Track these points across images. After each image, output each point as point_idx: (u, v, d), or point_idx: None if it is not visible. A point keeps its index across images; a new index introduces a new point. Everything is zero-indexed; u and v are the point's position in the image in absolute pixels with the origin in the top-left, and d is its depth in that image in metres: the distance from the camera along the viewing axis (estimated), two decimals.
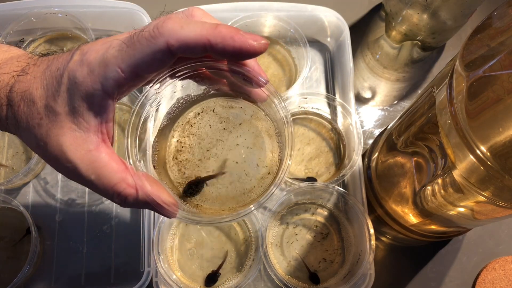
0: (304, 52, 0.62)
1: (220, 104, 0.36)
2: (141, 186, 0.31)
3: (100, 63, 0.29)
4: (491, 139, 0.33)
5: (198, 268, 0.56)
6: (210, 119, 0.36)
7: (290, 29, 0.62)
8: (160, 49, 0.29)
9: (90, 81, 0.29)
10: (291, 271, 0.56)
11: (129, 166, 0.32)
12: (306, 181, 0.58)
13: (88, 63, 0.29)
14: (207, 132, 0.35)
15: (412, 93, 0.68)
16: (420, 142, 0.46)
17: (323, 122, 0.63)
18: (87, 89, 0.29)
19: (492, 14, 0.36)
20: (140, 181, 0.31)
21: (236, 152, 0.35)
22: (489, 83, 0.33)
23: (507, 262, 0.58)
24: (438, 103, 0.40)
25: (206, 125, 0.35)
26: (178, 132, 0.36)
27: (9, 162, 0.61)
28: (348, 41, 0.62)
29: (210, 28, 0.29)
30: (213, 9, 0.63)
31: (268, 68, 0.65)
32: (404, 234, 0.58)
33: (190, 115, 0.36)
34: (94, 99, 0.30)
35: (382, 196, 0.57)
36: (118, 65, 0.29)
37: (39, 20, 0.63)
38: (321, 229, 0.59)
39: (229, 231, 0.58)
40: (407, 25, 0.63)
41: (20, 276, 0.52)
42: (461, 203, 0.43)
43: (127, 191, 0.31)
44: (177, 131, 0.36)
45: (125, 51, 0.29)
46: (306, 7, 0.64)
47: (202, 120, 0.36)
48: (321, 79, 0.67)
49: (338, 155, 0.62)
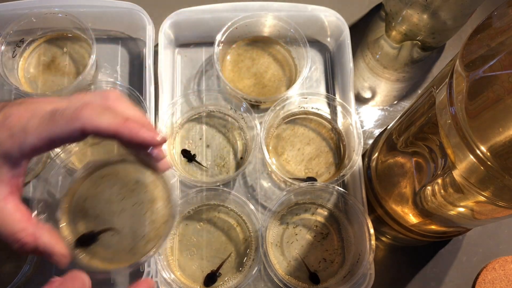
0: (304, 52, 0.62)
1: (126, 169, 0.42)
2: (39, 236, 0.35)
3: (21, 130, 0.33)
4: (491, 139, 0.33)
5: (198, 268, 0.56)
6: (112, 182, 0.41)
7: (290, 29, 0.63)
8: (76, 130, 0.33)
9: (9, 143, 0.33)
10: (291, 271, 0.56)
11: (32, 218, 0.36)
12: (306, 181, 0.58)
13: (10, 127, 0.34)
14: (108, 194, 0.41)
15: (412, 93, 0.68)
16: (420, 142, 0.46)
17: (323, 122, 0.63)
18: (5, 149, 0.33)
19: (492, 14, 0.36)
20: (39, 231, 0.35)
21: (128, 212, 0.40)
22: (489, 83, 0.33)
23: (507, 262, 0.58)
24: (438, 103, 0.40)
25: (107, 188, 0.41)
26: (84, 189, 0.41)
27: None
28: (348, 41, 0.62)
29: (120, 122, 0.34)
30: (213, 9, 0.63)
31: (268, 68, 0.65)
32: (404, 234, 0.58)
33: (96, 175, 0.42)
34: (11, 158, 0.34)
35: (382, 196, 0.57)
36: (37, 136, 0.33)
37: (39, 20, 0.63)
38: (321, 229, 0.59)
39: (229, 231, 0.58)
40: (407, 25, 0.63)
41: (20, 276, 0.52)
42: (461, 203, 0.43)
43: (25, 239, 0.34)
44: (83, 187, 0.42)
45: (46, 124, 0.33)
46: (306, 7, 0.64)
47: (105, 183, 0.41)
48: (321, 79, 0.67)
49: (338, 155, 0.62)
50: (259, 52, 0.66)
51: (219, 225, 0.58)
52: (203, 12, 0.63)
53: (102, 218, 0.40)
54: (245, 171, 0.61)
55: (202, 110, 0.63)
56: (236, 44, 0.66)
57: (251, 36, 0.66)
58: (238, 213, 0.58)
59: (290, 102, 0.61)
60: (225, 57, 0.65)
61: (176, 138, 0.62)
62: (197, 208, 0.59)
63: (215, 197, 0.59)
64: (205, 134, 0.62)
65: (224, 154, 0.61)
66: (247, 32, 0.65)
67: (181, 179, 0.59)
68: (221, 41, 0.62)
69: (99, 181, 0.41)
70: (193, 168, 0.61)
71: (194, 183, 0.57)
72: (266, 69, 0.65)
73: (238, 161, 0.61)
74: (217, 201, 0.59)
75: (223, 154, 0.61)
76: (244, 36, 0.65)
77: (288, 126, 0.63)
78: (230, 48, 0.66)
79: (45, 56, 0.65)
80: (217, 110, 0.63)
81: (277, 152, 0.62)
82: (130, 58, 0.66)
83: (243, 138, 0.62)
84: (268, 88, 0.64)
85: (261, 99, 0.62)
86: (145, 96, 0.60)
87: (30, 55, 0.65)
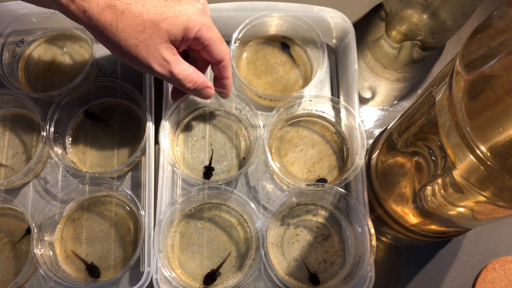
0: (321, 53, 0.62)
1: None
2: (200, 75, 0.53)
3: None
4: (491, 139, 0.33)
5: (198, 266, 0.56)
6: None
7: (307, 29, 0.63)
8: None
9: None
10: (291, 271, 0.56)
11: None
12: (315, 184, 0.57)
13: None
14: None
15: (412, 93, 0.68)
16: (420, 142, 0.46)
17: (327, 125, 0.63)
18: (186, 24, 0.48)
19: (492, 14, 0.36)
20: (200, 73, 0.53)
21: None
22: (489, 83, 0.33)
23: (507, 262, 0.58)
24: (438, 103, 0.40)
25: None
26: None
27: (9, 162, 0.61)
28: (353, 42, 0.62)
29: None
30: (219, 8, 0.63)
31: (283, 67, 0.65)
32: (404, 234, 0.58)
33: None
34: (188, 33, 0.48)
35: (382, 196, 0.57)
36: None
37: (39, 20, 0.63)
38: (322, 230, 0.59)
39: (231, 230, 0.58)
40: (407, 25, 0.63)
41: (20, 276, 0.52)
42: (461, 203, 0.43)
43: (196, 78, 0.52)
44: None
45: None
46: (312, 8, 0.64)
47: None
48: (326, 81, 0.67)
49: (341, 158, 0.62)
50: (275, 50, 0.66)
51: (220, 223, 0.58)
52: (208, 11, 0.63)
53: None
54: (247, 171, 0.61)
55: (206, 109, 0.63)
56: (253, 42, 0.66)
57: (267, 35, 0.66)
58: (239, 212, 0.58)
59: (295, 103, 0.61)
60: (241, 55, 0.66)
61: (179, 136, 0.62)
62: (199, 207, 0.59)
63: (217, 196, 0.59)
64: (208, 133, 0.63)
65: (227, 154, 0.61)
66: (264, 31, 0.65)
67: (183, 177, 0.59)
68: (238, 39, 0.62)
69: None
70: (195, 166, 0.61)
71: (196, 181, 0.57)
72: (281, 68, 0.65)
73: (241, 160, 0.61)
74: (218, 199, 0.59)
75: (226, 154, 0.61)
76: (261, 34, 0.66)
77: (291, 128, 0.63)
78: (247, 45, 0.66)
79: (45, 56, 0.65)
80: (221, 109, 0.63)
81: (280, 154, 0.62)
82: None
83: (246, 138, 0.62)
84: (283, 87, 0.64)
85: (276, 97, 0.62)
86: (145, 96, 0.60)
87: (30, 55, 0.65)
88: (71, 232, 0.58)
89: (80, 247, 0.57)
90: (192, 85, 0.52)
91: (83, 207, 0.59)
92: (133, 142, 0.61)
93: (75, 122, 0.62)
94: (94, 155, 0.61)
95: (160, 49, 0.47)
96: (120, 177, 0.61)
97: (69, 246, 0.57)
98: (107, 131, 0.62)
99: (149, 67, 0.48)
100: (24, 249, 0.57)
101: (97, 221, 0.58)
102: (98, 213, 0.58)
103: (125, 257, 0.56)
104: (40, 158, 0.59)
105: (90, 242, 0.57)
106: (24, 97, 0.59)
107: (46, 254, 0.54)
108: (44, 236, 0.55)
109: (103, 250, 0.57)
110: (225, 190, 0.57)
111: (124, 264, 0.56)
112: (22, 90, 0.59)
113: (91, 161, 0.61)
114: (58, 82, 0.64)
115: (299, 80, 0.65)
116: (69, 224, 0.58)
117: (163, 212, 0.55)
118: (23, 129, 0.62)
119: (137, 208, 0.55)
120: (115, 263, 0.56)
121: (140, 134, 0.61)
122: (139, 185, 0.60)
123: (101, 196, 0.59)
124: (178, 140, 0.62)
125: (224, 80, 0.56)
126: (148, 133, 0.58)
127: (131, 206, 0.58)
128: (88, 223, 0.58)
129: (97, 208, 0.59)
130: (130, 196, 0.55)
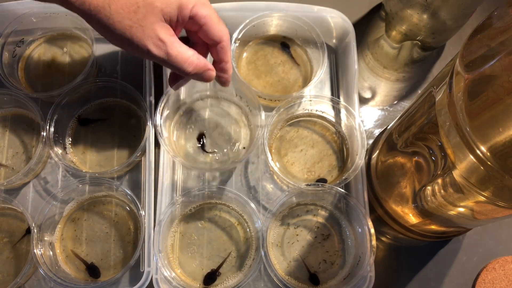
0: (321, 53, 0.62)
1: None
2: (200, 57, 0.50)
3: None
4: (491, 139, 0.33)
5: (198, 266, 0.56)
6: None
7: (307, 30, 0.63)
8: None
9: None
10: (291, 271, 0.56)
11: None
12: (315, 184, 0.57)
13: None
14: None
15: (412, 93, 0.68)
16: (420, 142, 0.46)
17: (327, 125, 0.63)
18: (180, 1, 0.46)
19: (492, 14, 0.36)
20: (200, 55, 0.50)
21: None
22: (489, 83, 0.33)
23: (507, 262, 0.58)
24: (438, 103, 0.40)
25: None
26: None
27: (9, 162, 0.61)
28: (353, 42, 0.62)
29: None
30: (220, 8, 0.63)
31: (283, 67, 0.65)
32: (404, 234, 0.58)
33: None
34: (183, 11, 0.47)
35: (382, 196, 0.57)
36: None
37: (39, 20, 0.63)
38: (322, 230, 0.59)
39: (231, 230, 0.58)
40: (407, 25, 0.63)
41: (20, 276, 0.52)
42: (461, 203, 0.43)
43: (196, 61, 0.49)
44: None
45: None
46: (312, 8, 0.64)
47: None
48: (326, 81, 0.67)
49: (341, 159, 0.62)
50: (275, 50, 0.66)
51: (220, 223, 0.58)
52: None
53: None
54: (247, 171, 0.61)
55: (207, 96, 0.64)
56: (253, 42, 0.66)
57: (267, 35, 0.66)
58: (239, 212, 0.58)
59: (295, 103, 0.61)
60: (241, 55, 0.66)
61: (179, 124, 0.62)
62: (199, 206, 0.59)
63: (217, 196, 0.59)
64: (208, 120, 0.63)
65: (226, 142, 0.61)
66: (264, 31, 0.65)
67: (181, 163, 0.59)
68: (238, 39, 0.62)
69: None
70: (193, 155, 0.61)
71: (194, 168, 0.58)
72: (281, 68, 0.65)
73: (241, 150, 0.61)
74: (218, 199, 0.59)
75: (225, 142, 0.61)
76: (261, 34, 0.66)
77: (291, 128, 0.63)
78: (247, 45, 0.66)
79: (45, 56, 0.65)
80: (222, 96, 0.64)
81: (280, 154, 0.62)
82: (130, 58, 0.66)
83: (247, 126, 0.62)
84: (283, 87, 0.64)
85: (276, 97, 0.62)
86: (145, 96, 0.60)
87: (30, 55, 0.65)
88: (71, 232, 0.58)
89: (80, 247, 0.57)
90: (192, 68, 0.49)
91: (83, 207, 0.59)
92: (133, 142, 0.61)
93: (75, 122, 0.62)
94: (94, 155, 0.61)
95: (156, 28, 0.45)
96: (120, 177, 0.61)
97: (69, 246, 0.57)
98: (107, 131, 0.62)
99: (145, 49, 0.46)
100: (24, 249, 0.57)
101: (97, 221, 0.58)
102: (98, 213, 0.58)
103: (125, 257, 0.56)
104: (40, 158, 0.59)
105: (90, 242, 0.57)
106: (24, 97, 0.59)
107: (46, 254, 0.54)
108: (44, 236, 0.55)
109: (103, 250, 0.57)
110: (225, 190, 0.57)
111: (124, 264, 0.56)
112: (22, 90, 0.59)
113: (91, 161, 0.61)
114: (58, 82, 0.64)
115: (299, 80, 0.65)
116: (69, 224, 0.58)
117: (163, 212, 0.55)
118: (23, 129, 0.62)
119: (137, 208, 0.55)
120: (115, 263, 0.56)
121: (140, 134, 0.61)
122: (139, 185, 0.60)
123: (101, 196, 0.59)
124: (176, 127, 0.62)
125: (223, 64, 0.52)
126: (148, 133, 0.58)
127: (131, 206, 0.58)
128: (88, 223, 0.58)
129: (97, 208, 0.59)
130: (130, 196, 0.55)
